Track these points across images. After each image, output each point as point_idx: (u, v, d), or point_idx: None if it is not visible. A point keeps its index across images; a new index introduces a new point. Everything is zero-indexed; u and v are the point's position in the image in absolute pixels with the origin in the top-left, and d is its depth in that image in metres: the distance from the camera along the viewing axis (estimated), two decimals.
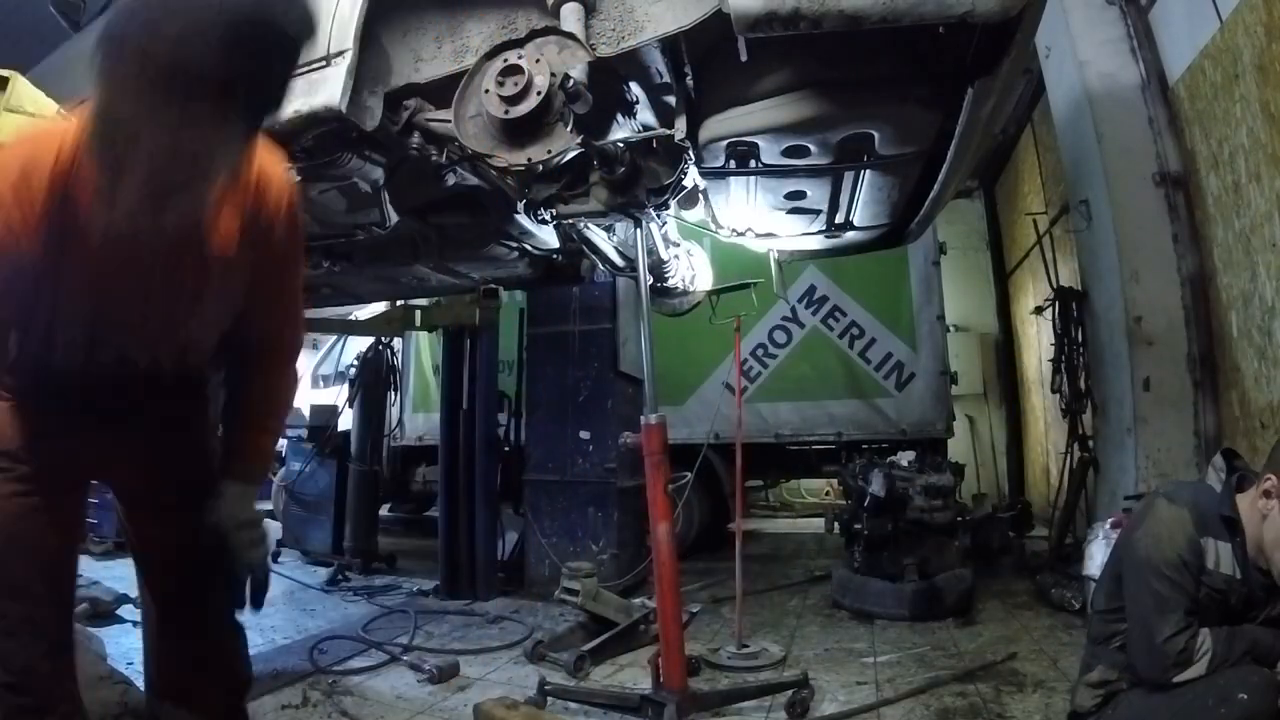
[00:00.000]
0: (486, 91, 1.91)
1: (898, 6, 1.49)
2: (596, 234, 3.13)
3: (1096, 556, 3.56)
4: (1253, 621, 1.79)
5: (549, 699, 2.59)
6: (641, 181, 2.28)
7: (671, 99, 2.12)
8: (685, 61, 2.00)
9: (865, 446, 5.69)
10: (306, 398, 7.65)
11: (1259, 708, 1.65)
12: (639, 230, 2.54)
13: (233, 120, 1.11)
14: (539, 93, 1.85)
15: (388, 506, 7.44)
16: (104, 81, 1.10)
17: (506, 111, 1.88)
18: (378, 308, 5.88)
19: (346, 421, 5.85)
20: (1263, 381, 3.28)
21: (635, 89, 2.06)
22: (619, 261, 3.37)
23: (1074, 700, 1.97)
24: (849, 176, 2.31)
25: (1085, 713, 1.90)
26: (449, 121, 2.02)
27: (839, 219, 2.65)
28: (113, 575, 4.89)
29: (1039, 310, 5.61)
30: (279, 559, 5.76)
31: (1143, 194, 3.99)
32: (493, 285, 4.38)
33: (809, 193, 2.42)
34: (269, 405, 1.47)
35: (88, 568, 5.31)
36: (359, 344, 6.37)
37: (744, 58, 1.84)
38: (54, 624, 1.32)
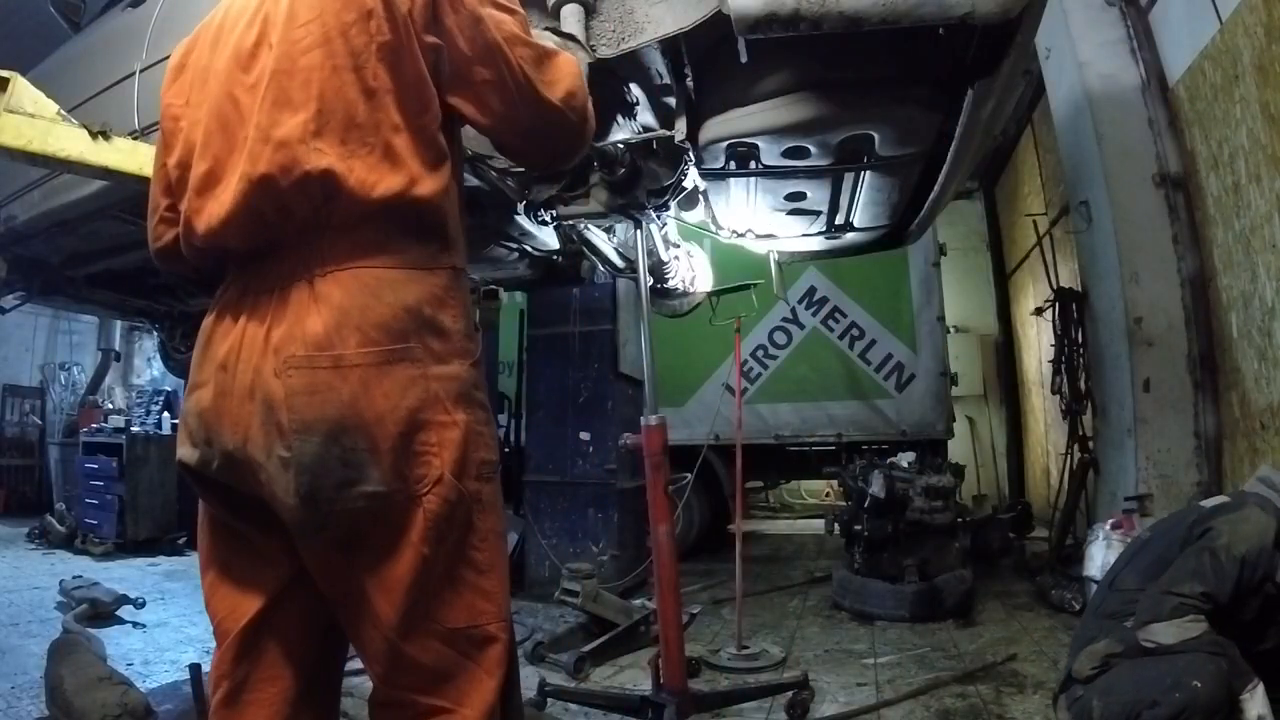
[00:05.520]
0: None
1: (897, 8, 1.48)
2: (597, 235, 3.12)
3: (1097, 558, 3.56)
4: None
5: (549, 700, 2.59)
6: (642, 183, 2.28)
7: (672, 100, 2.11)
8: (685, 63, 2.00)
9: (865, 447, 5.69)
10: None
11: (1207, 698, 1.72)
12: (639, 231, 2.54)
13: None
14: None
15: None
16: None
17: None
18: None
19: None
20: (1263, 382, 3.28)
21: (635, 90, 2.05)
22: (619, 263, 3.37)
23: (1073, 666, 2.02)
24: (849, 178, 2.30)
25: (1081, 679, 1.97)
26: None
27: (839, 220, 2.64)
28: (113, 576, 4.90)
29: (1039, 311, 5.61)
30: None
31: (1143, 195, 3.99)
32: (493, 286, 4.37)
33: (809, 194, 2.42)
34: None
35: (87, 568, 5.32)
36: None
37: (744, 59, 1.84)
38: None
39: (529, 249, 3.40)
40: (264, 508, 1.12)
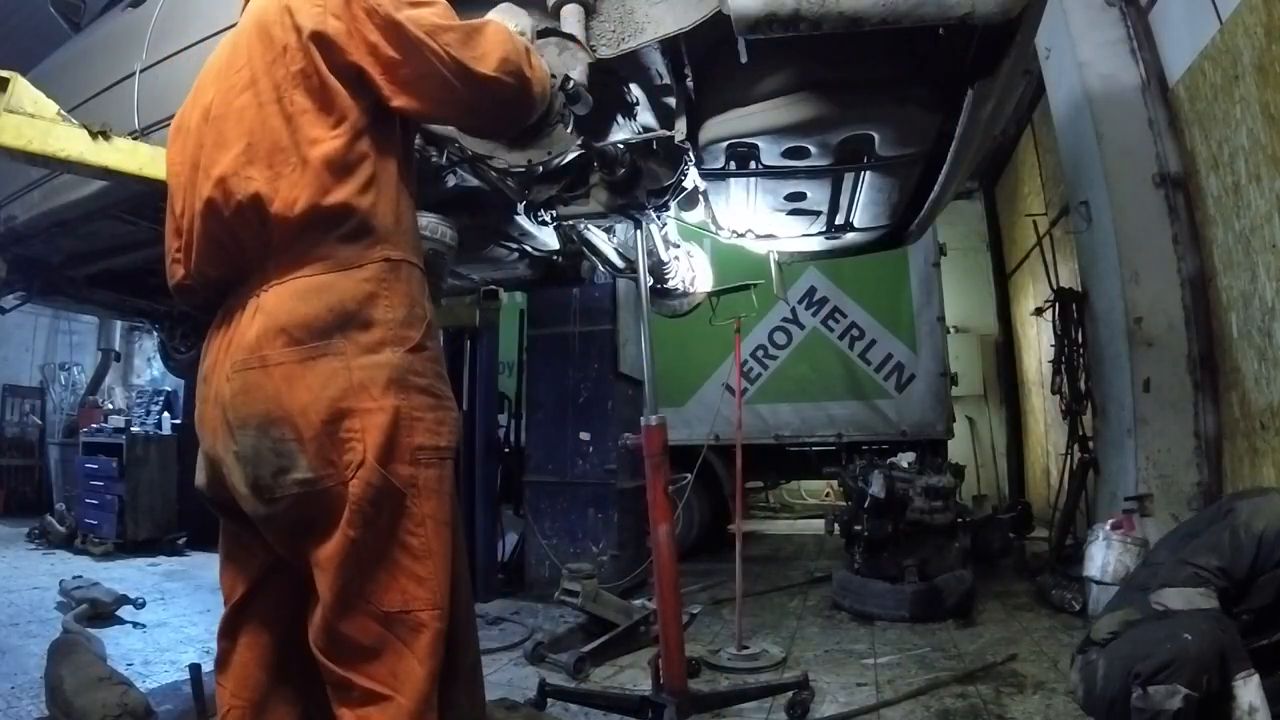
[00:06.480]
0: None
1: (898, 8, 1.48)
2: (597, 235, 3.12)
3: (1096, 558, 3.57)
4: None
5: (549, 700, 2.59)
6: (642, 183, 2.28)
7: (672, 100, 2.11)
8: (685, 63, 2.00)
9: (865, 448, 5.69)
10: None
11: (1196, 651, 1.77)
12: (639, 232, 2.54)
13: None
14: None
15: None
16: None
17: None
18: None
19: None
20: (1263, 382, 3.28)
21: (635, 90, 2.05)
22: (619, 263, 3.37)
23: (1092, 629, 2.10)
24: (849, 178, 2.30)
25: (1098, 641, 2.04)
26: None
27: (839, 220, 2.64)
28: (113, 576, 4.90)
29: (1039, 311, 5.61)
30: None
31: (1143, 195, 3.99)
32: (493, 286, 4.38)
33: (809, 194, 2.42)
34: None
35: (87, 568, 5.31)
36: None
37: (744, 59, 1.84)
38: None
39: (529, 249, 3.40)
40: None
